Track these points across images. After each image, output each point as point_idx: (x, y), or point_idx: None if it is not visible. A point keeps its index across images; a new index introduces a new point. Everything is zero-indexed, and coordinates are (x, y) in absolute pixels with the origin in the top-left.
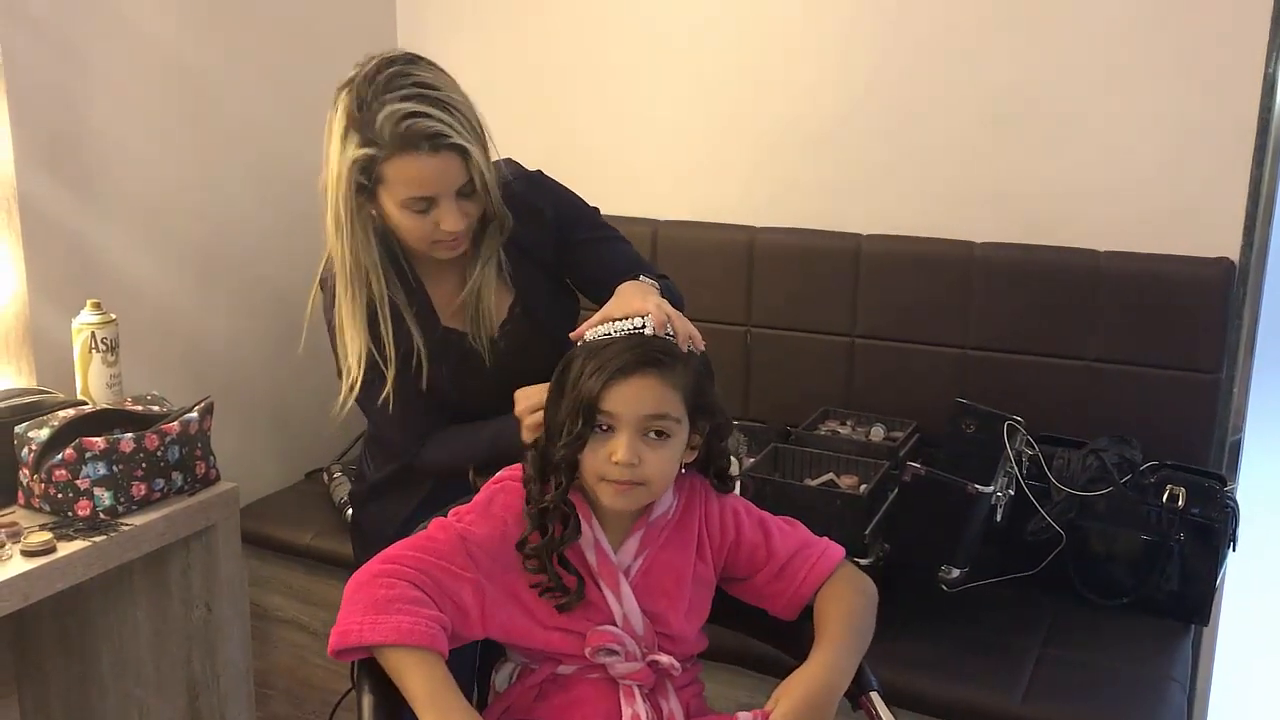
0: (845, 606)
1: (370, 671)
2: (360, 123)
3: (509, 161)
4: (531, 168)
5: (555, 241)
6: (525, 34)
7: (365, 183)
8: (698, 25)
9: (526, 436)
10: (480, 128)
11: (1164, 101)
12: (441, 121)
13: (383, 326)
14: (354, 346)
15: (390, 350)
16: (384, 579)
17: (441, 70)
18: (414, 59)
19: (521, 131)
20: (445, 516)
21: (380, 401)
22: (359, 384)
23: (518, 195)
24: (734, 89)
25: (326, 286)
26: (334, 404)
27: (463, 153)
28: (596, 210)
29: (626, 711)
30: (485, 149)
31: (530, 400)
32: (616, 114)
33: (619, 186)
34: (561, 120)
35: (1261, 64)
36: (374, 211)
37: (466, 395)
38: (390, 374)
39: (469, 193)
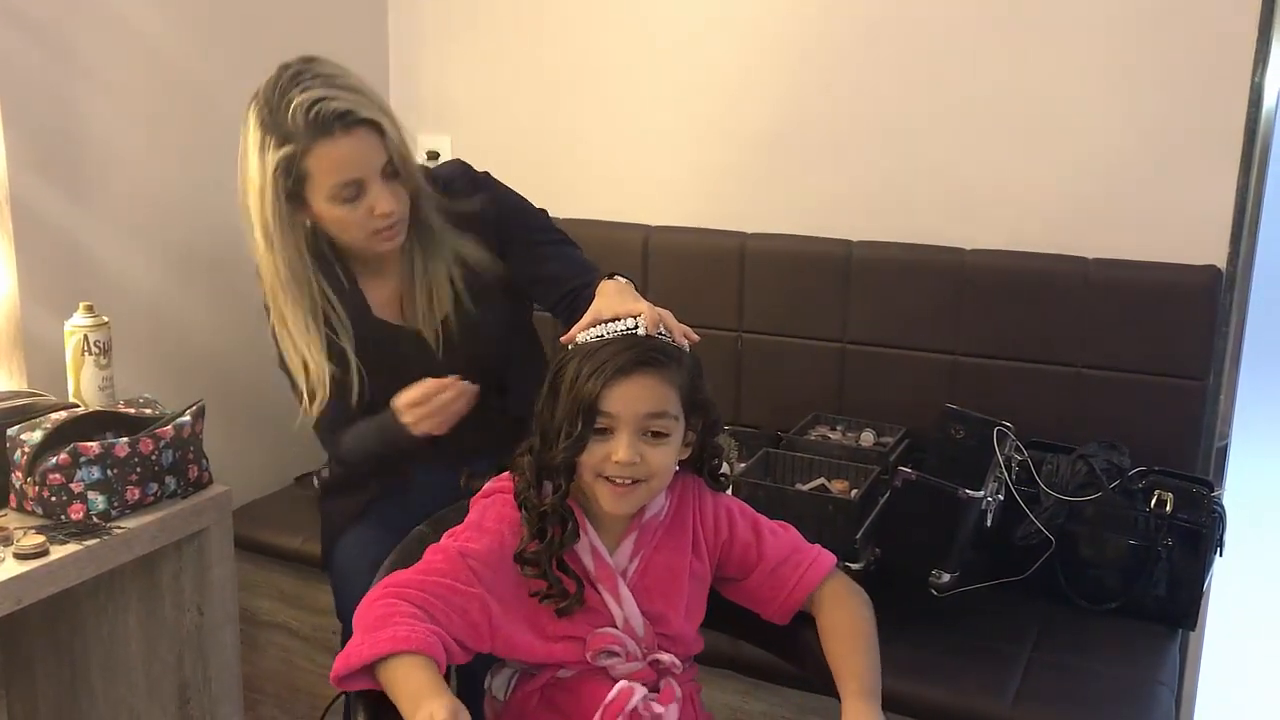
0: (863, 642)
1: (366, 698)
2: (272, 125)
3: (458, 162)
4: (500, 172)
5: (498, 240)
6: (517, 41)
7: (293, 188)
8: (690, 32)
9: (413, 429)
10: (391, 112)
11: (1151, 109)
12: (348, 100)
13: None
14: (312, 354)
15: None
16: (382, 601)
17: (340, 65)
18: (311, 59)
19: (513, 136)
20: (443, 541)
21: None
22: (322, 388)
23: (460, 194)
24: (725, 95)
25: (269, 310)
26: (297, 418)
27: (376, 128)
28: (544, 212)
29: (629, 702)
30: (399, 130)
31: (405, 397)
32: (608, 119)
33: (611, 191)
34: (553, 125)
35: (1248, 72)
36: (307, 220)
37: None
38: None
39: (394, 174)
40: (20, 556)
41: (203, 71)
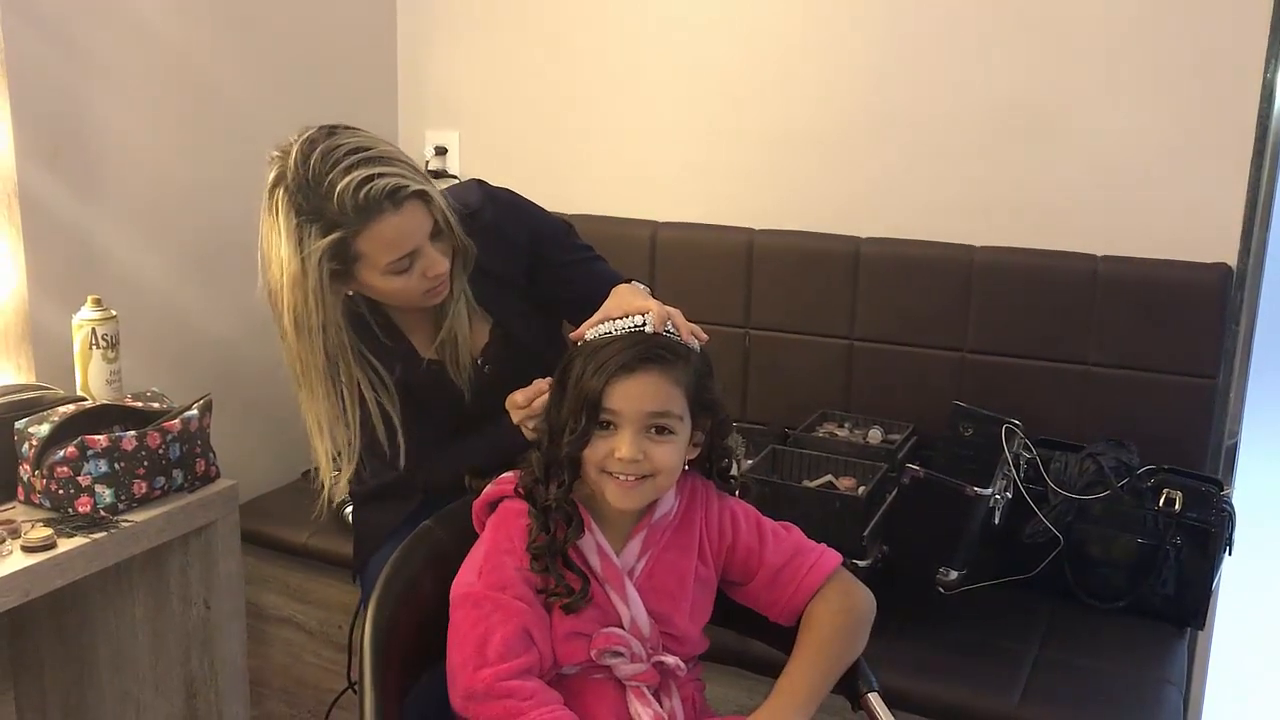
0: (817, 649)
1: (376, 678)
2: (311, 211)
3: (479, 183)
4: (501, 186)
5: (529, 264)
6: (525, 36)
7: (340, 267)
8: (698, 28)
9: (530, 434)
10: (420, 168)
11: (1163, 107)
12: (393, 175)
13: (350, 402)
14: (340, 435)
15: (370, 416)
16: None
17: (359, 129)
18: (331, 129)
19: (521, 132)
20: (474, 588)
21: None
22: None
23: (488, 223)
24: (735, 91)
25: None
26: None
27: (422, 197)
28: (570, 227)
29: (647, 713)
30: (436, 188)
31: (518, 400)
32: (616, 115)
33: (619, 187)
34: (561, 121)
35: (1260, 70)
36: (350, 292)
37: (458, 421)
38: (382, 433)
39: (439, 233)
40: (28, 549)
41: (212, 67)
